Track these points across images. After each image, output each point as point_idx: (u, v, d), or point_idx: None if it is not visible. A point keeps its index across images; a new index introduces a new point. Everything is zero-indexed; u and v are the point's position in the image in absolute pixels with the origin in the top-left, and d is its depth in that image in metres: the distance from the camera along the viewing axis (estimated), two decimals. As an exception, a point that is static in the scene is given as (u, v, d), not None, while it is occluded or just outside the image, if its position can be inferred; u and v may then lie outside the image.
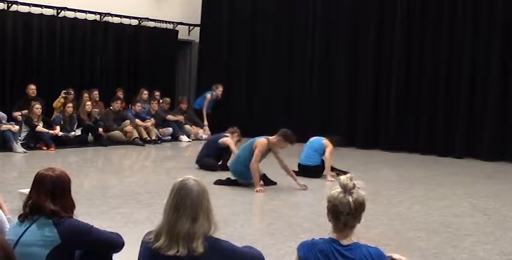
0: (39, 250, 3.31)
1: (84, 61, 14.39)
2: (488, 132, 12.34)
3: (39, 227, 3.35)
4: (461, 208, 7.75)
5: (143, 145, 13.06)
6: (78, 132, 12.84)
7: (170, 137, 14.16)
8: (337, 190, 3.01)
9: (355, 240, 3.03)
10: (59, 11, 13.81)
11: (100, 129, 12.94)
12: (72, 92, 13.12)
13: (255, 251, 3.46)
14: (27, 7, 13.25)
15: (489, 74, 12.36)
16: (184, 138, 14.11)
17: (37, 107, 11.99)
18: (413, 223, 6.81)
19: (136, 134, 13.23)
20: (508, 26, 12.18)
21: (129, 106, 14.25)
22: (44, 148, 11.72)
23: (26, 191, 6.50)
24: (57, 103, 13.03)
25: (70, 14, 14.05)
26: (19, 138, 11.59)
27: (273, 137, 8.63)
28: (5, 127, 11.34)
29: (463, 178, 10.28)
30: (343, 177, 3.07)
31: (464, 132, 12.64)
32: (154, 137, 13.57)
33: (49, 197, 3.40)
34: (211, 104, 14.99)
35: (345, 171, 9.19)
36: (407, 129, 13.32)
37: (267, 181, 8.82)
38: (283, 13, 15.08)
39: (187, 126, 14.55)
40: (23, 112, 12.20)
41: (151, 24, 15.72)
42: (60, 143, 12.05)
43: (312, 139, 10.05)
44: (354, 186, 3.00)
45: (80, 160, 11.05)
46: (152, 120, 13.85)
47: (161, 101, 14.66)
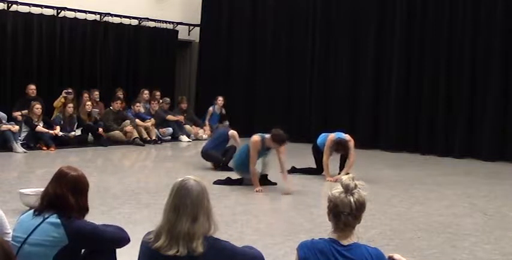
0: (46, 250, 3.34)
1: (84, 61, 14.40)
2: (488, 132, 12.34)
3: (48, 227, 3.37)
4: (461, 208, 7.75)
5: (143, 145, 13.06)
6: (78, 132, 12.84)
7: (170, 137, 14.15)
8: (338, 190, 3.01)
9: (355, 240, 3.02)
10: (59, 11, 13.82)
11: (100, 129, 12.94)
12: (71, 92, 13.12)
13: (255, 251, 3.46)
14: (27, 7, 13.26)
15: (489, 74, 12.36)
16: (184, 138, 14.10)
17: (37, 107, 11.99)
18: (413, 223, 6.80)
19: (136, 134, 13.23)
20: (508, 26, 12.18)
21: (130, 106, 14.26)
22: (44, 148, 11.72)
23: (26, 191, 6.58)
24: (57, 102, 13.03)
25: (70, 14, 14.06)
26: (19, 138, 11.59)
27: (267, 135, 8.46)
28: (5, 127, 11.34)
29: (463, 178, 10.27)
30: (344, 177, 3.06)
31: (464, 132, 12.64)
32: (154, 137, 13.56)
33: (69, 192, 3.43)
34: (216, 117, 14.93)
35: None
36: (407, 129, 13.32)
37: (267, 181, 8.81)
38: (283, 13, 15.08)
39: (187, 126, 14.55)
40: (23, 112, 12.21)
41: (151, 24, 15.72)
42: (60, 143, 12.05)
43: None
44: (356, 186, 3.00)
45: (80, 160, 11.04)
46: (152, 120, 13.85)
47: (161, 101, 14.66)
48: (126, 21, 15.17)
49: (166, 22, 16.04)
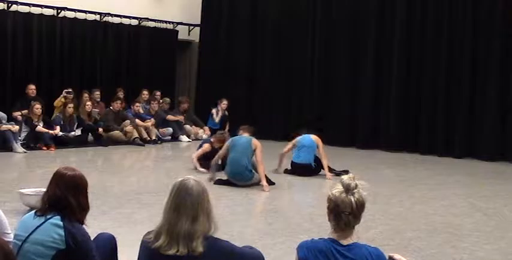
0: (46, 250, 3.35)
1: (84, 61, 14.39)
2: (488, 132, 12.35)
3: (50, 227, 3.38)
4: (461, 208, 7.75)
5: (143, 145, 13.06)
6: (78, 132, 12.83)
7: (170, 137, 14.15)
8: (338, 189, 2.99)
9: (355, 240, 3.02)
10: (59, 11, 13.81)
11: (100, 129, 12.94)
12: (71, 91, 13.12)
13: (255, 251, 3.46)
14: (27, 7, 13.25)
15: (489, 74, 12.37)
16: (184, 138, 14.10)
17: (37, 107, 11.98)
18: (413, 223, 6.80)
19: (136, 134, 13.22)
20: (508, 26, 12.17)
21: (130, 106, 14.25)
22: (44, 148, 11.72)
23: (26, 191, 6.58)
24: (58, 102, 13.02)
25: (70, 14, 14.05)
26: (19, 138, 11.58)
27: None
28: (5, 127, 11.33)
29: (463, 178, 10.28)
30: (345, 177, 3.04)
31: (464, 132, 12.63)
32: (154, 137, 13.56)
33: (69, 192, 3.44)
34: (220, 120, 14.92)
35: (342, 172, 9.19)
36: (407, 129, 13.32)
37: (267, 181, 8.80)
38: (283, 13, 15.07)
39: (187, 126, 14.54)
40: (23, 112, 12.20)
41: (151, 24, 15.72)
42: (60, 143, 12.05)
43: (300, 137, 9.86)
44: (356, 186, 2.99)
45: (80, 160, 11.04)
46: (152, 120, 13.84)
47: (161, 101, 14.66)
48: (126, 21, 15.16)
49: (166, 22, 16.03)
